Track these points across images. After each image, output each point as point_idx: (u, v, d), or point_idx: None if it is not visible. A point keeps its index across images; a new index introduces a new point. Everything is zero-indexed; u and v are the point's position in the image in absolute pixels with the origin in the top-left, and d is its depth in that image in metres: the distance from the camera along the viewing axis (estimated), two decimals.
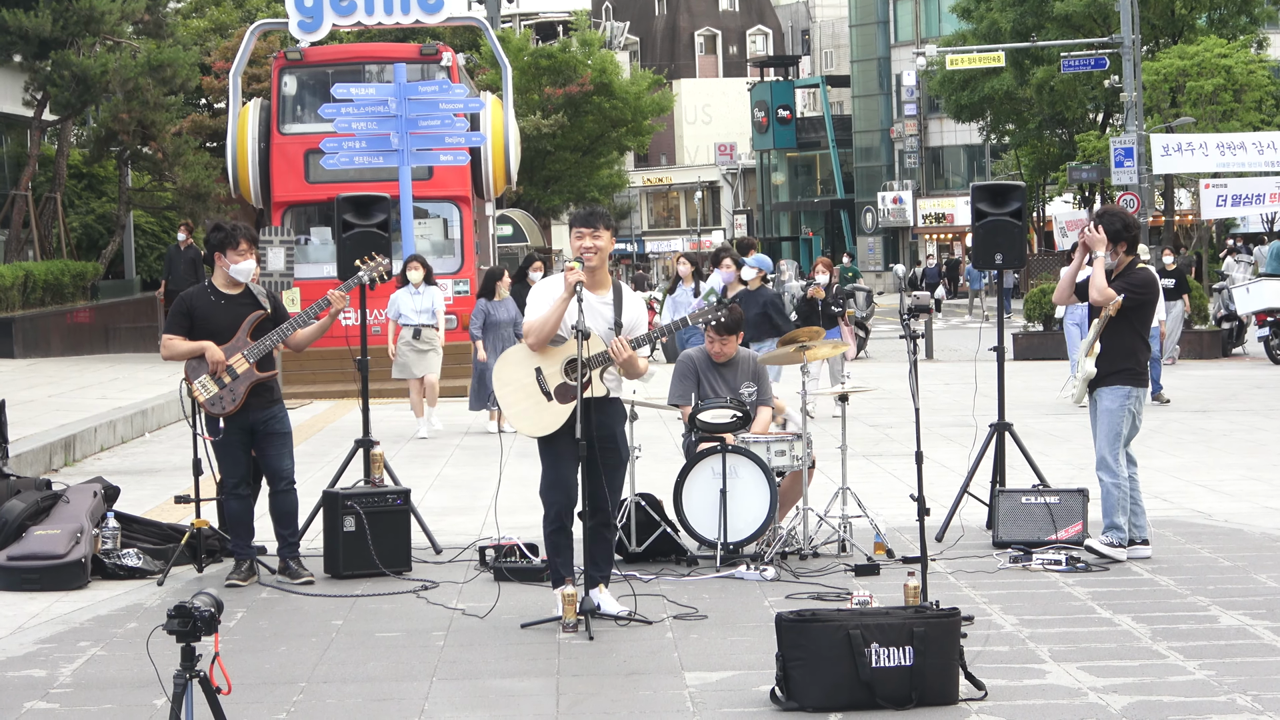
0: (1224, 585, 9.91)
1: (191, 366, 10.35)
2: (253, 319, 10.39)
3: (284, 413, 10.66)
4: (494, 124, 26.48)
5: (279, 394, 10.69)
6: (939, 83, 61.57)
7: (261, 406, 10.42)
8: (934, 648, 7.35)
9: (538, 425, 9.06)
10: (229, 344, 10.29)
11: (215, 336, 10.30)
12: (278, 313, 10.53)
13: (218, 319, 10.36)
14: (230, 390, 10.28)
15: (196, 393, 10.32)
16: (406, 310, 19.00)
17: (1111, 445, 10.67)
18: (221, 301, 10.42)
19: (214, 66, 37.00)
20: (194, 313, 10.38)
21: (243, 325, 10.35)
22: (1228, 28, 52.75)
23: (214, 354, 10.23)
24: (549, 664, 8.34)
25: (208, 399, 10.30)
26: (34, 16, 28.83)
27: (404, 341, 19.02)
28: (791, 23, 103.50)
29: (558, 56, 52.33)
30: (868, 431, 18.17)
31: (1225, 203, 35.02)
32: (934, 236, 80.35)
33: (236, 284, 10.48)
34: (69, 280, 30.01)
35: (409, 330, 18.98)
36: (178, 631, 6.02)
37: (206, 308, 10.40)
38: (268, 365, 10.41)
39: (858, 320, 33.10)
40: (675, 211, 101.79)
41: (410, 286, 19.01)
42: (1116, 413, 10.68)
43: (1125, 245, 10.77)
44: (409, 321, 18.98)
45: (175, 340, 10.36)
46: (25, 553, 10.51)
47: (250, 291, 10.49)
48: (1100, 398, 10.74)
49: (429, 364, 19.04)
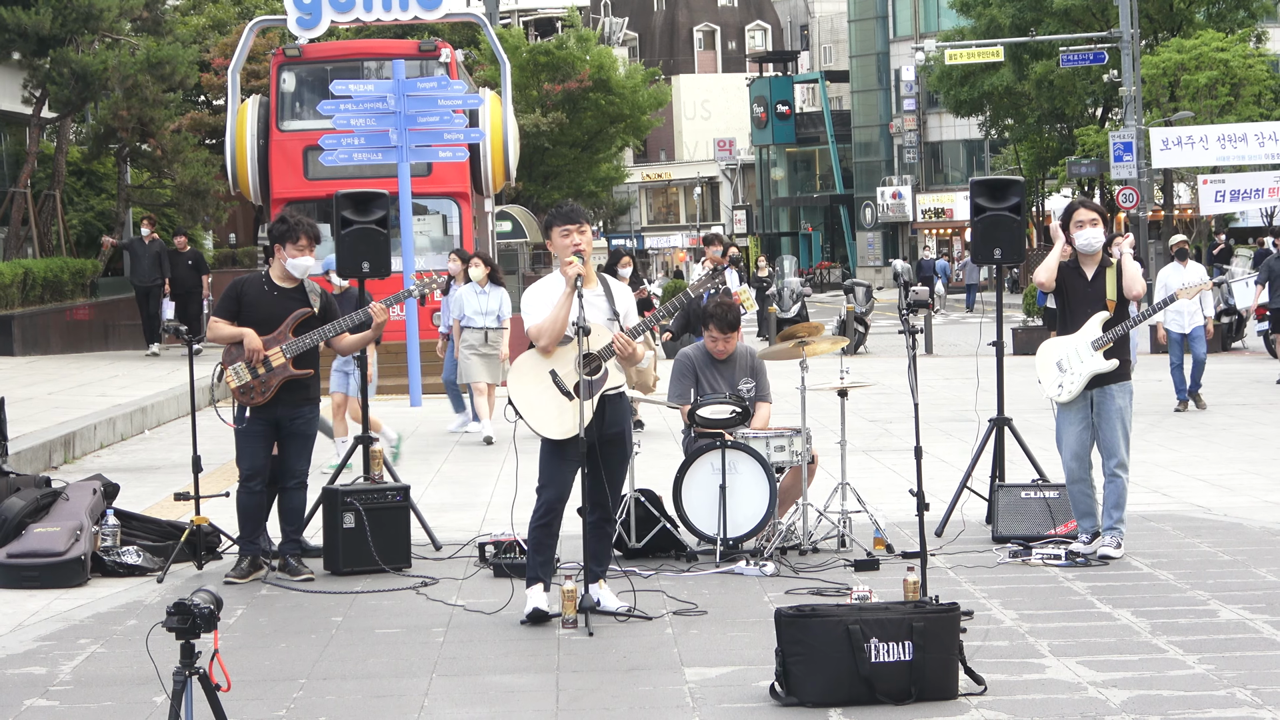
0: (1223, 579, 9.91)
1: (230, 353, 10.36)
2: (296, 315, 10.38)
3: (314, 415, 10.63)
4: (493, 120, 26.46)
5: (315, 395, 10.62)
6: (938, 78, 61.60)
7: (292, 404, 10.40)
8: (934, 643, 7.35)
9: (563, 427, 9.04)
10: (270, 336, 10.30)
11: (260, 326, 10.31)
12: (326, 314, 10.50)
13: (265, 309, 10.36)
14: (263, 381, 10.28)
15: (229, 378, 10.34)
16: (470, 311, 17.60)
17: (1128, 442, 10.62)
18: (274, 293, 10.43)
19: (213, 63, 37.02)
20: (243, 298, 10.40)
21: (286, 320, 10.35)
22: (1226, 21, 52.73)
23: (252, 341, 10.25)
24: (549, 660, 8.34)
25: (239, 385, 10.30)
26: (33, 14, 28.80)
27: (467, 345, 17.56)
28: (790, 18, 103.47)
29: (556, 53, 52.35)
30: (867, 426, 18.17)
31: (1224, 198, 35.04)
32: (933, 231, 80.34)
33: (291, 278, 10.46)
34: (68, 278, 29.99)
35: (474, 334, 17.58)
36: (177, 629, 6.02)
37: (257, 295, 10.41)
38: (304, 364, 10.38)
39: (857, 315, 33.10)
40: (675, 207, 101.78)
41: (474, 285, 17.69)
42: (1129, 408, 10.63)
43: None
44: (473, 325, 17.58)
45: (221, 324, 10.39)
46: (25, 550, 10.51)
47: (304, 288, 10.48)
48: (1111, 396, 10.54)
49: (495, 371, 17.60)
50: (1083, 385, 10.56)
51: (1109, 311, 10.55)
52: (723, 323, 11.12)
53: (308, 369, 10.41)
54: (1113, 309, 10.55)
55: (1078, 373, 10.59)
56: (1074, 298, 10.72)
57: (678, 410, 11.35)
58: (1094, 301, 10.62)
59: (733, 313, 11.15)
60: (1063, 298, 10.80)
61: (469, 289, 17.77)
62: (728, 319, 11.12)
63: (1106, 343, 10.51)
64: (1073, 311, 10.71)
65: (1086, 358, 10.55)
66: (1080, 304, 10.67)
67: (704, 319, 11.25)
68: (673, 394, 11.35)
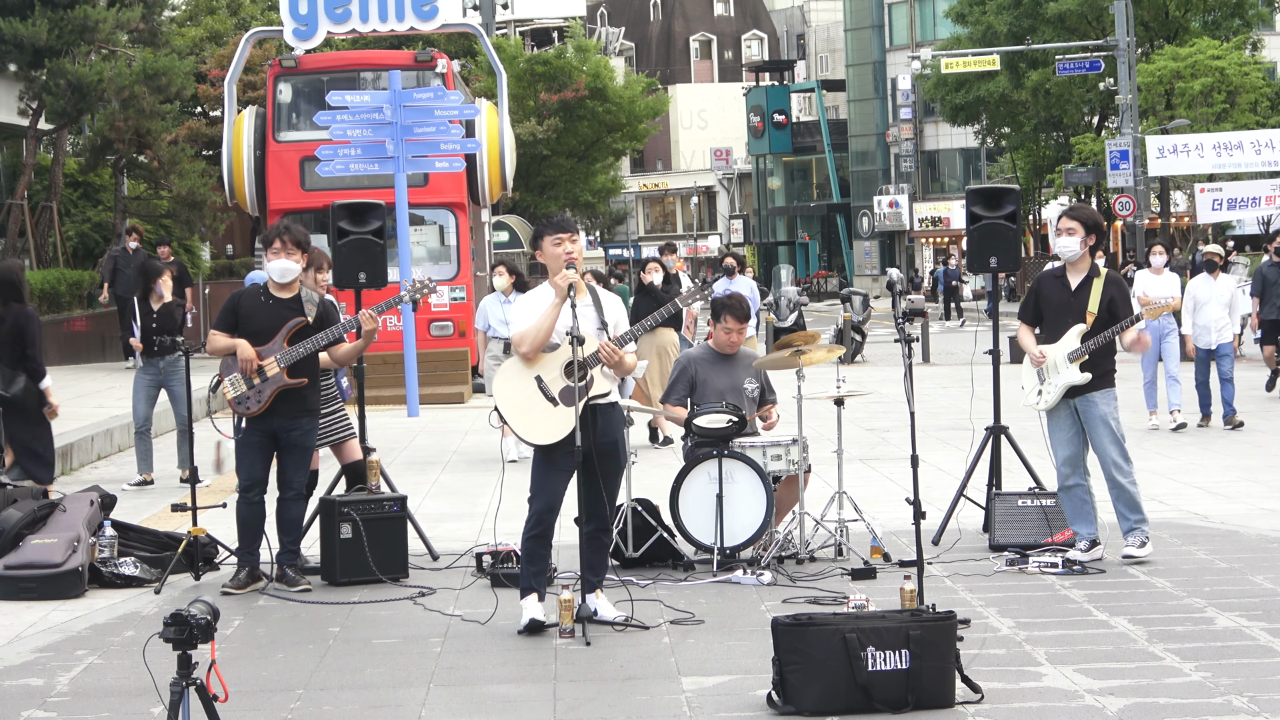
0: (1220, 587, 9.91)
1: (226, 364, 10.36)
2: (291, 325, 10.36)
3: (312, 426, 10.55)
4: (489, 130, 26.48)
5: (314, 405, 10.55)
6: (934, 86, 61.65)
7: (289, 415, 10.37)
8: (930, 651, 7.35)
9: (548, 433, 9.05)
10: (265, 346, 10.28)
11: (256, 337, 10.29)
12: (323, 323, 10.49)
13: (260, 319, 10.35)
14: (257, 392, 10.27)
15: (225, 390, 10.34)
16: (495, 321, 17.08)
17: (1120, 446, 10.64)
18: (270, 303, 10.41)
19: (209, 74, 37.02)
20: (240, 310, 10.40)
21: (281, 330, 10.34)
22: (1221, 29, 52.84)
23: (245, 352, 10.23)
24: (546, 670, 8.35)
25: (235, 397, 10.30)
26: (30, 25, 28.82)
27: (491, 355, 17.14)
28: (786, 27, 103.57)
29: (553, 62, 52.39)
30: (864, 435, 18.17)
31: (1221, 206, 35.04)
32: (930, 240, 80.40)
33: (285, 287, 10.43)
34: (65, 289, 29.98)
35: (497, 344, 17.07)
36: (174, 639, 6.02)
37: (252, 307, 10.41)
38: (299, 373, 10.35)
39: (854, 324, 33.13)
40: (671, 216, 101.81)
41: (499, 294, 17.24)
42: (1114, 413, 10.67)
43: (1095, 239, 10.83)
44: (498, 335, 17.02)
45: (218, 336, 10.39)
46: (22, 561, 10.51)
47: (300, 298, 10.46)
48: (1094, 403, 10.62)
49: None
50: (1059, 396, 10.65)
51: (1087, 325, 10.60)
52: (738, 312, 11.32)
53: (302, 378, 10.40)
54: (1091, 322, 10.60)
55: (1054, 384, 10.67)
56: (1054, 308, 10.81)
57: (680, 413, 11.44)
58: (1074, 312, 10.69)
59: (744, 304, 11.49)
60: (1044, 307, 10.86)
61: (493, 298, 17.38)
62: (743, 308, 11.40)
63: (1081, 355, 10.58)
64: (1052, 321, 10.80)
65: (1063, 369, 10.63)
66: (1060, 314, 10.75)
67: (717, 312, 11.39)
68: (667, 393, 11.50)
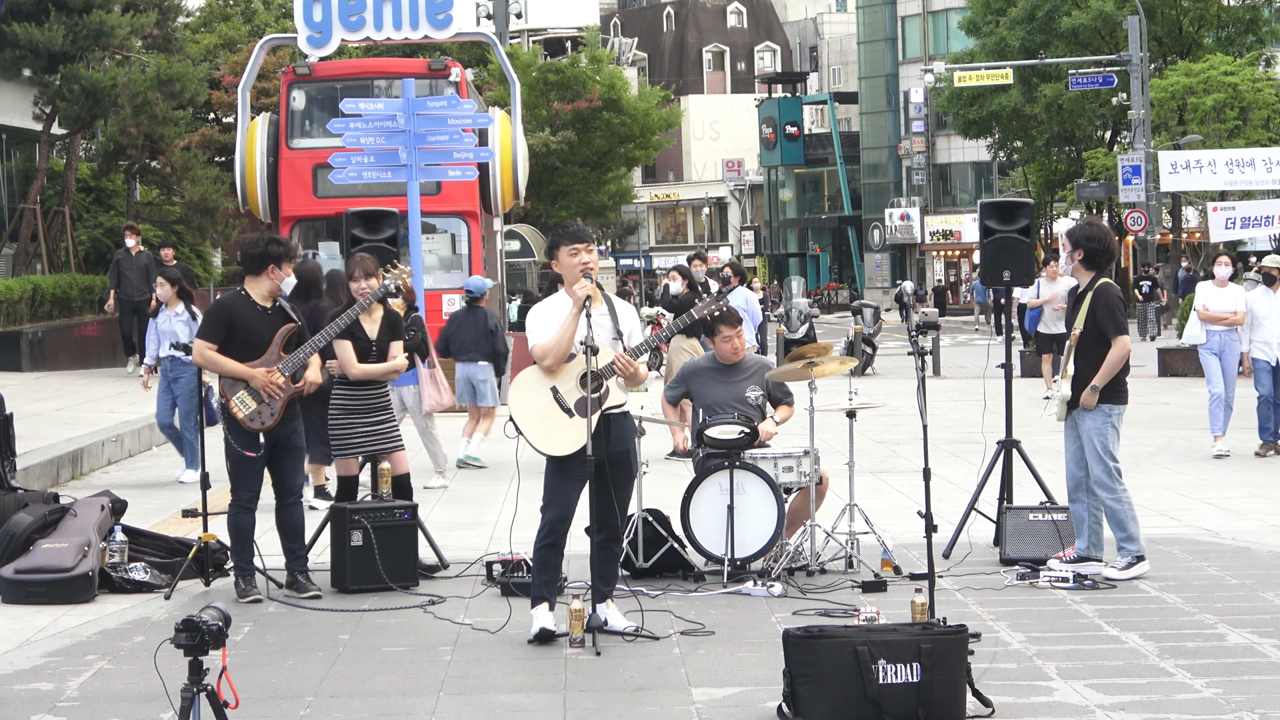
0: (1231, 603, 9.90)
1: (227, 383, 10.27)
2: (284, 332, 10.33)
3: (303, 427, 10.66)
4: (502, 139, 26.48)
5: (299, 408, 10.62)
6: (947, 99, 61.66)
7: (287, 419, 10.38)
8: (941, 664, 7.34)
9: (564, 443, 9.04)
10: (263, 358, 10.23)
11: (254, 348, 10.22)
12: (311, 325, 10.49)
13: (259, 330, 10.26)
14: (269, 405, 10.22)
15: (235, 409, 10.18)
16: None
17: (1104, 463, 10.65)
18: (268, 313, 10.36)
19: (223, 81, 37.09)
20: (235, 321, 10.25)
21: (275, 339, 10.30)
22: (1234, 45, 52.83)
23: (260, 380, 10.12)
24: (556, 679, 8.34)
25: (247, 414, 10.18)
26: (45, 30, 28.90)
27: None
28: (799, 39, 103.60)
29: (566, 72, 52.41)
30: (875, 448, 18.16)
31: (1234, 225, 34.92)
32: (941, 253, 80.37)
33: (270, 297, 10.40)
34: (77, 294, 30.02)
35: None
36: (185, 645, 6.02)
37: (250, 318, 10.27)
38: (298, 378, 10.39)
39: (865, 336, 33.11)
40: (683, 227, 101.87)
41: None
42: (1102, 430, 10.67)
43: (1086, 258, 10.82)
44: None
45: (217, 356, 10.21)
46: (32, 566, 10.52)
47: (282, 306, 10.45)
48: (1081, 419, 10.73)
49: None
50: (1058, 408, 10.89)
51: (1072, 341, 10.69)
52: (729, 319, 11.23)
53: (302, 382, 10.40)
54: (1075, 340, 10.66)
55: (1055, 398, 10.98)
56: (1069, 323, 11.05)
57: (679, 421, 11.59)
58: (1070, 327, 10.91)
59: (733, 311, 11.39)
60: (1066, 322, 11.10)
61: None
62: (733, 314, 11.24)
63: (1066, 372, 10.76)
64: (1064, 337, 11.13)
65: (1062, 384, 10.82)
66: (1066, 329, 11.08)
67: (709, 328, 11.32)
68: (666, 391, 11.77)
